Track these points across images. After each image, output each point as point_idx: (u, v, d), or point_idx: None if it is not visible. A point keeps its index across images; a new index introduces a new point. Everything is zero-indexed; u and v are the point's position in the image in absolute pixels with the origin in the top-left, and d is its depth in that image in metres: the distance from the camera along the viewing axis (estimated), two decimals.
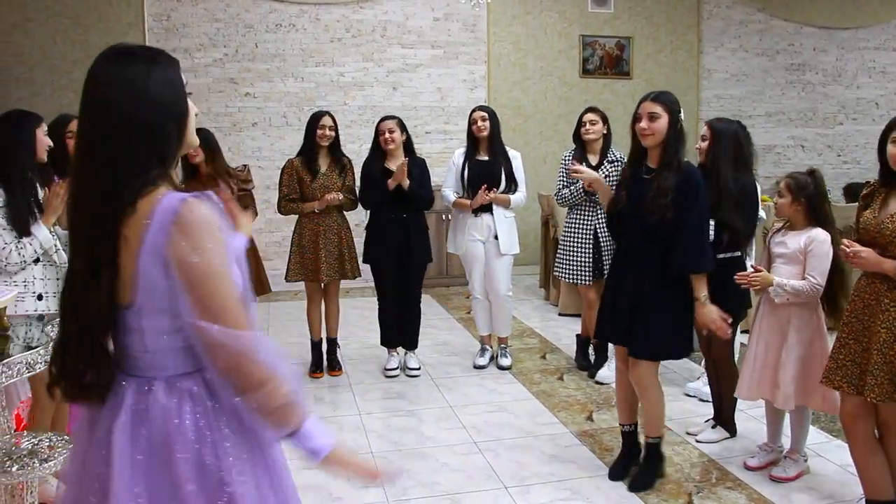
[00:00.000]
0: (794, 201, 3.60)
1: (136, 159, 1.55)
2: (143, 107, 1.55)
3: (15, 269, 3.40)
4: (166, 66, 1.61)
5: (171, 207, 1.50)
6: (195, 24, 8.15)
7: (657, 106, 3.42)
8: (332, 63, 8.58)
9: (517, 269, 5.93)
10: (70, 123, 3.87)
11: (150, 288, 1.53)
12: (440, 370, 5.50)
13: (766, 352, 3.68)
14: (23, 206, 3.40)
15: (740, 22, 9.78)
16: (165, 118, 1.59)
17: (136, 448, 1.55)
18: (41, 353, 2.83)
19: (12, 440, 2.79)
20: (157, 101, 1.57)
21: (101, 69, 1.58)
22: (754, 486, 3.66)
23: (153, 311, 1.55)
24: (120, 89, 1.55)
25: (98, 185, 1.54)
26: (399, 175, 5.00)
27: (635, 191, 3.50)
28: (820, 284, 3.53)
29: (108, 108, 1.55)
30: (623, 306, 3.55)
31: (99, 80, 1.57)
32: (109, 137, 1.55)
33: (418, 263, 5.29)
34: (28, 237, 3.40)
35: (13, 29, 7.72)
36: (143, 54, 1.60)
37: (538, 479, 3.78)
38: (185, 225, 1.50)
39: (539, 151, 8.99)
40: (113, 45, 1.63)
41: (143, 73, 1.57)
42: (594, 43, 9.27)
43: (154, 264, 1.51)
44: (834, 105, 10.22)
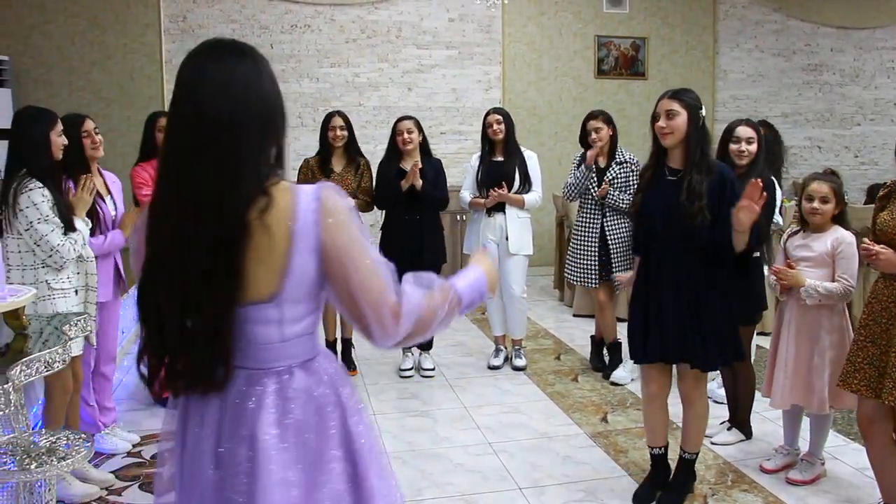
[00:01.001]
0: (837, 206, 3.55)
1: (260, 152, 1.58)
2: (260, 101, 1.58)
3: (68, 264, 3.52)
4: (265, 62, 1.66)
5: (311, 196, 1.57)
6: (211, 25, 8.19)
7: (675, 103, 3.24)
8: (347, 64, 8.60)
9: (531, 270, 5.93)
10: (85, 123, 3.89)
11: (301, 276, 1.57)
12: (455, 371, 5.50)
13: (797, 357, 3.63)
14: (62, 202, 3.51)
15: (756, 22, 9.73)
16: (277, 112, 1.63)
17: (285, 436, 1.59)
18: (59, 351, 2.85)
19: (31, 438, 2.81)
20: (269, 94, 1.61)
21: (210, 64, 1.57)
22: (770, 489, 3.65)
23: (297, 300, 1.59)
24: (237, 84, 1.56)
25: (220, 181, 1.53)
26: (411, 176, 5.01)
27: (660, 194, 3.30)
28: (852, 286, 3.49)
29: (228, 102, 1.54)
30: (668, 321, 3.29)
31: (213, 75, 1.55)
32: (231, 131, 1.53)
33: (432, 264, 5.27)
34: (75, 232, 3.52)
35: (31, 31, 7.78)
36: (245, 50, 1.63)
37: (552, 481, 3.77)
38: (331, 210, 1.57)
39: (554, 152, 8.98)
40: (209, 41, 1.63)
41: (255, 68, 1.60)
42: (609, 43, 9.24)
43: (307, 251, 1.56)
44: (851, 106, 10.15)
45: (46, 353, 2.80)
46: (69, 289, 3.57)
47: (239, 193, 1.53)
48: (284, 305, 1.59)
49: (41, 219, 3.40)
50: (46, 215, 3.41)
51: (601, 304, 5.33)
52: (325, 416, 1.64)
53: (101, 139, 3.97)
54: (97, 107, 7.57)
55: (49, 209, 3.42)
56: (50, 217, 3.42)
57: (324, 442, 1.63)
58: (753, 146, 3.94)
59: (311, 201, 1.56)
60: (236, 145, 1.54)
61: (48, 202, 3.43)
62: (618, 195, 5.12)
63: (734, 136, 3.95)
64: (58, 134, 3.55)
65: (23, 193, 3.42)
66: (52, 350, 2.83)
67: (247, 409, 1.60)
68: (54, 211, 3.44)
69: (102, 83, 7.93)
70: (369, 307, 1.60)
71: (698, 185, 3.19)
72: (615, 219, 5.19)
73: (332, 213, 1.57)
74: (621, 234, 5.17)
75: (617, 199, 5.11)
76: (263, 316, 1.59)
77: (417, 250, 5.15)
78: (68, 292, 3.56)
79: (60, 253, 3.44)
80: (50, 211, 3.42)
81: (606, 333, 5.43)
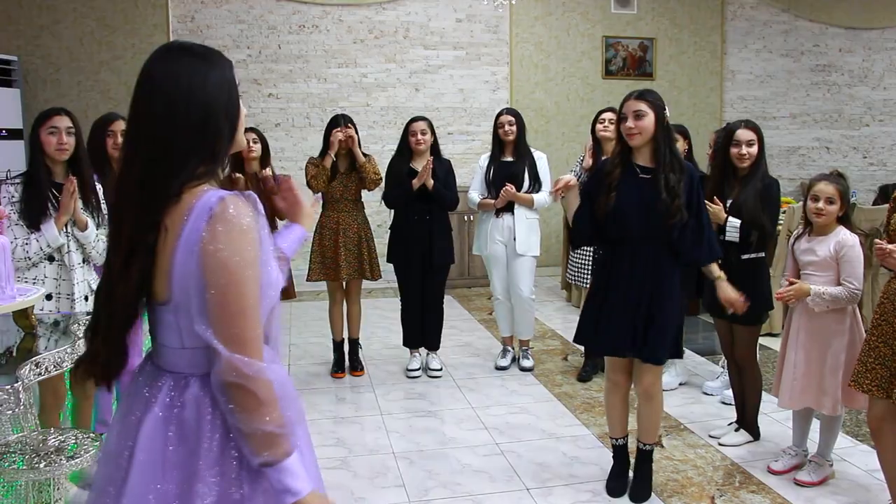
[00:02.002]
0: (842, 207, 3.54)
1: (187, 153, 1.57)
2: (198, 103, 1.57)
3: (21, 266, 3.41)
4: (222, 66, 1.64)
5: (209, 203, 1.52)
6: (219, 25, 8.21)
7: (642, 104, 3.31)
8: (354, 64, 8.61)
9: (539, 271, 5.93)
10: (113, 124, 3.88)
11: (184, 284, 1.53)
12: (462, 371, 5.50)
13: (808, 360, 3.62)
14: (34, 202, 3.41)
15: (765, 23, 9.71)
16: (219, 116, 1.60)
17: (166, 441, 1.57)
18: (68, 351, 2.86)
19: (39, 437, 2.82)
20: (212, 98, 1.59)
21: (159, 64, 1.60)
22: (778, 491, 3.64)
23: (188, 309, 1.55)
24: (177, 84, 1.56)
25: (146, 176, 1.56)
26: (423, 175, 5.01)
27: (635, 192, 3.34)
28: (858, 289, 3.48)
29: (164, 101, 1.56)
30: (629, 314, 3.38)
31: (155, 74, 1.58)
32: (162, 130, 1.56)
33: (441, 264, 5.29)
34: (36, 233, 3.40)
35: (41, 31, 7.81)
36: (200, 52, 1.63)
37: (560, 481, 3.77)
38: (219, 222, 1.50)
39: (562, 153, 8.97)
40: (170, 42, 1.66)
41: (200, 71, 1.59)
42: (617, 44, 9.23)
43: (188, 259, 1.52)
44: (860, 106, 10.12)
45: (55, 351, 2.81)
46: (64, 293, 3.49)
47: (156, 193, 1.55)
48: (179, 313, 1.56)
49: None
50: None
51: None
52: (201, 433, 1.57)
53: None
54: (105, 107, 7.56)
55: (6, 204, 3.37)
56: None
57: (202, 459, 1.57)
58: (754, 148, 3.92)
59: (211, 205, 1.52)
60: (163, 146, 1.56)
61: (8, 198, 3.38)
62: None
63: (734, 140, 3.94)
64: (47, 131, 3.43)
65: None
66: (61, 349, 2.84)
67: (142, 396, 1.63)
68: (15, 208, 3.38)
69: (111, 83, 7.96)
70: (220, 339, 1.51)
71: (676, 183, 3.29)
72: None
73: (215, 229, 1.50)
74: None
75: None
76: (164, 318, 1.60)
77: (427, 250, 5.16)
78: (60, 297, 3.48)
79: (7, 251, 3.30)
80: (8, 206, 3.37)
81: None
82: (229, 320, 1.50)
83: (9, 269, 2.93)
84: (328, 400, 4.94)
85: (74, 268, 3.56)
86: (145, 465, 1.56)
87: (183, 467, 1.56)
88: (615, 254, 3.46)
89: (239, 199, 1.55)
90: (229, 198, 1.53)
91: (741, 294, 3.51)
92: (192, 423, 1.57)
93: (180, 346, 1.59)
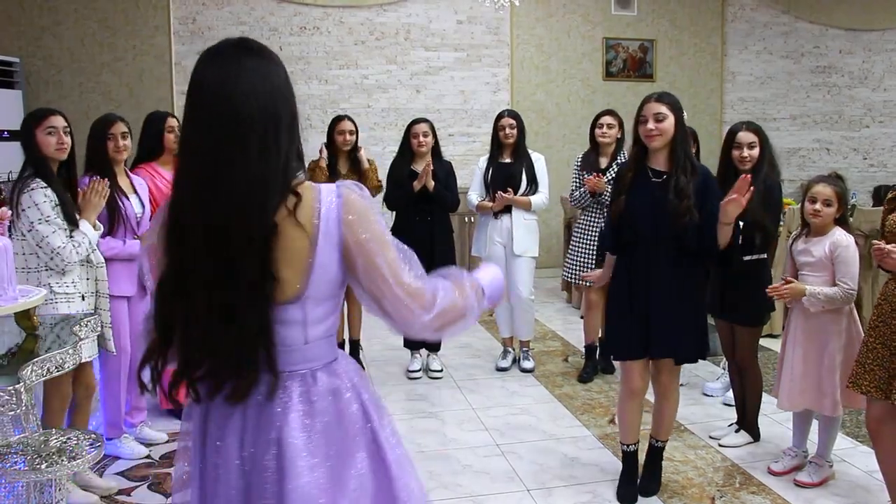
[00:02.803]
0: (839, 209, 3.56)
1: (288, 150, 1.58)
2: (285, 100, 1.59)
3: (72, 269, 3.41)
4: (282, 63, 1.65)
5: (333, 193, 1.60)
6: (220, 26, 8.22)
7: (662, 106, 3.30)
8: (355, 66, 8.62)
9: (540, 272, 5.94)
10: (113, 126, 3.87)
11: (323, 273, 1.58)
12: (462, 372, 5.51)
13: (806, 360, 3.63)
14: (67, 202, 3.40)
15: (765, 24, 9.72)
16: (296, 111, 1.64)
17: (311, 439, 1.60)
18: (70, 352, 2.87)
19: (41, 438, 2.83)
20: (291, 94, 1.62)
21: (234, 64, 1.55)
22: (778, 492, 3.64)
23: (319, 299, 1.60)
24: (265, 83, 1.56)
25: (250, 180, 1.51)
26: (422, 177, 5.02)
27: (647, 195, 3.34)
28: (853, 289, 3.49)
29: (258, 101, 1.53)
30: (654, 318, 3.37)
31: (238, 74, 1.54)
32: (262, 131, 1.53)
33: (442, 266, 5.28)
34: (79, 234, 3.40)
35: (42, 32, 7.82)
36: (267, 52, 1.62)
37: (560, 482, 3.78)
38: (353, 206, 1.59)
39: (562, 154, 8.98)
40: (230, 42, 1.59)
41: (278, 69, 1.61)
42: (617, 45, 9.25)
43: (330, 249, 1.57)
44: (860, 108, 10.12)
45: (57, 353, 2.81)
46: (74, 294, 3.45)
47: (270, 193, 1.53)
48: (308, 305, 1.60)
49: (42, 219, 3.29)
50: (48, 216, 3.30)
51: (591, 304, 5.34)
52: (349, 418, 1.66)
53: (128, 144, 3.90)
54: (107, 108, 7.54)
55: (51, 209, 3.31)
56: (52, 218, 3.31)
57: (350, 444, 1.65)
58: (755, 150, 3.92)
59: (334, 198, 1.59)
60: (266, 145, 1.53)
61: (50, 202, 3.32)
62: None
63: (735, 142, 3.94)
64: (45, 131, 3.40)
65: (24, 193, 3.33)
66: (63, 350, 2.84)
67: (273, 414, 1.59)
68: (57, 211, 3.33)
69: (112, 85, 7.98)
70: (398, 299, 1.62)
71: (685, 185, 3.28)
72: None
73: (354, 210, 1.59)
74: None
75: None
76: (289, 317, 1.59)
77: (428, 252, 5.16)
78: (73, 297, 3.45)
79: (62, 256, 3.32)
80: (52, 211, 3.31)
81: (588, 333, 5.42)
82: (400, 281, 1.62)
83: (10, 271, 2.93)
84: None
85: (101, 266, 3.59)
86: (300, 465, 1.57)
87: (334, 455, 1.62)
88: (631, 258, 3.45)
89: (352, 186, 1.63)
90: (346, 187, 1.62)
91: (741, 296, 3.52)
92: (332, 412, 1.63)
93: (303, 341, 1.62)
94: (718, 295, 4.07)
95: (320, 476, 1.58)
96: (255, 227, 1.51)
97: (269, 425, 1.58)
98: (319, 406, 1.62)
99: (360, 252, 1.59)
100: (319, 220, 1.57)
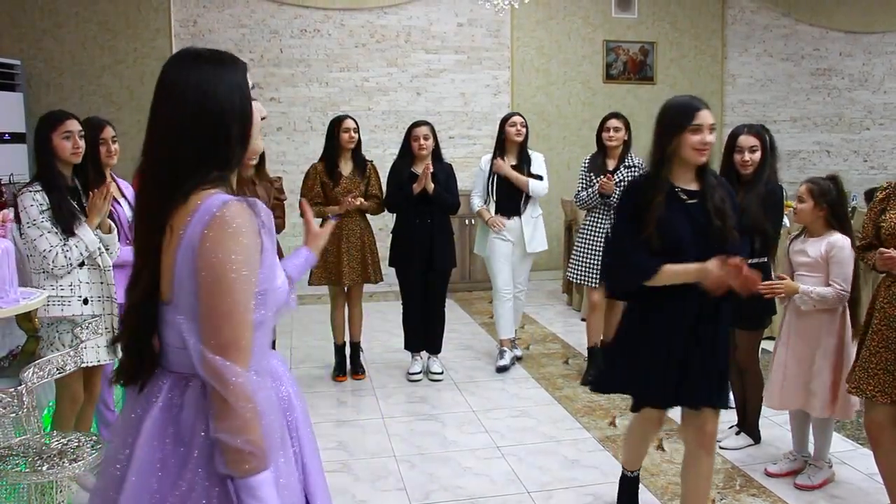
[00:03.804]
0: (816, 206, 3.58)
1: (199, 158, 1.59)
2: (210, 109, 1.59)
3: (62, 273, 3.36)
4: (233, 71, 1.66)
5: (211, 206, 1.53)
6: (221, 29, 8.23)
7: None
8: (356, 68, 8.63)
9: (540, 274, 5.97)
10: (103, 131, 3.87)
11: (182, 285, 1.55)
12: (463, 374, 5.51)
13: (797, 360, 3.65)
14: (63, 207, 3.38)
15: (765, 27, 9.73)
16: (231, 121, 1.62)
17: (162, 442, 1.58)
18: (71, 354, 2.87)
19: (42, 440, 2.83)
20: (224, 104, 1.61)
21: (171, 71, 1.63)
22: (778, 494, 3.64)
23: (187, 310, 1.55)
24: (189, 90, 1.59)
25: (158, 180, 1.60)
26: (422, 180, 5.04)
27: (685, 219, 2.90)
28: (846, 290, 3.52)
29: (177, 107, 1.59)
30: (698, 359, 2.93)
31: (168, 81, 1.62)
32: (175, 135, 1.59)
33: (443, 268, 5.31)
34: (73, 238, 3.37)
35: (43, 35, 7.83)
36: (211, 58, 1.65)
37: (560, 485, 3.78)
38: (218, 226, 1.51)
39: (562, 157, 8.99)
40: (184, 48, 1.69)
41: (210, 77, 1.61)
42: (618, 48, 9.25)
43: (186, 260, 1.53)
44: (860, 110, 10.13)
45: (58, 355, 2.82)
46: (70, 297, 3.41)
47: (166, 196, 1.58)
48: (178, 311, 1.57)
49: (30, 223, 3.29)
50: (34, 219, 3.29)
51: (593, 305, 5.34)
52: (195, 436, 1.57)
53: (118, 148, 3.92)
54: (108, 111, 7.61)
55: (38, 213, 3.30)
56: (38, 221, 3.29)
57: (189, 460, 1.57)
58: (757, 154, 3.92)
59: (212, 209, 1.53)
60: (175, 151, 1.59)
61: (38, 206, 3.31)
62: None
63: (737, 146, 3.94)
64: (62, 136, 3.40)
65: (19, 196, 3.36)
66: (64, 353, 2.85)
67: (143, 395, 1.64)
68: (45, 215, 3.31)
69: (113, 87, 7.98)
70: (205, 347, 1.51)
71: (723, 205, 2.91)
72: None
73: (220, 228, 1.50)
74: None
75: None
76: (169, 318, 1.61)
77: (429, 254, 5.18)
78: (69, 300, 3.41)
79: (48, 259, 3.29)
80: (39, 215, 3.30)
81: (591, 335, 5.42)
82: (216, 322, 1.51)
83: (12, 273, 2.94)
84: (329, 403, 4.95)
85: (109, 269, 3.56)
86: (143, 465, 1.57)
87: (174, 469, 1.57)
88: (668, 295, 2.89)
89: (243, 203, 1.56)
90: (233, 202, 1.54)
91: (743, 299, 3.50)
92: (189, 425, 1.57)
93: (182, 345, 1.58)
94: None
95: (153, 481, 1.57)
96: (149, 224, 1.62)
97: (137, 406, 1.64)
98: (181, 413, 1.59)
99: (202, 269, 1.51)
100: (188, 227, 1.54)
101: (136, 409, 1.64)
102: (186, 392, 1.60)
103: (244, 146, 1.67)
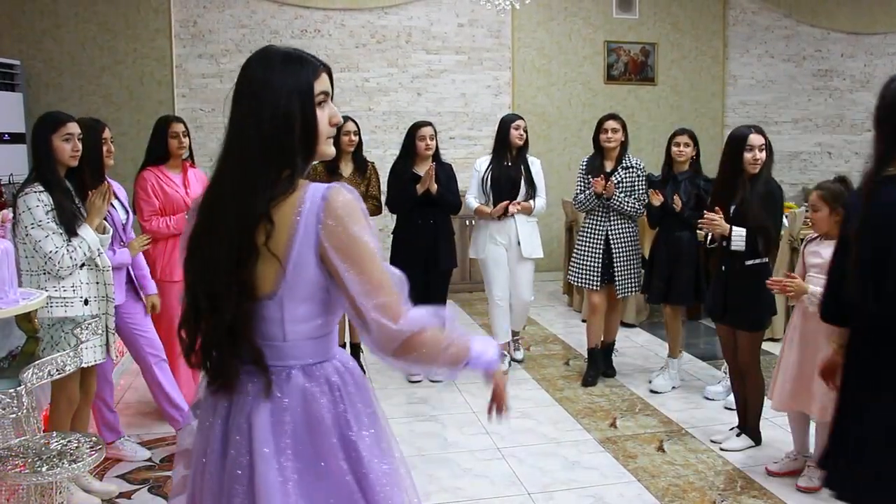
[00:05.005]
0: (832, 212, 3.55)
1: (294, 153, 1.62)
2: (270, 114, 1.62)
3: (67, 273, 3.37)
4: (297, 74, 1.67)
5: (319, 194, 1.59)
6: (221, 30, 8.22)
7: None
8: (356, 69, 8.62)
9: (541, 276, 5.96)
10: (104, 130, 3.87)
11: (299, 275, 1.58)
12: (463, 375, 5.48)
13: (801, 362, 3.64)
14: (66, 208, 3.38)
15: (766, 28, 9.72)
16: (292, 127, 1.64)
17: (281, 435, 1.61)
18: (70, 355, 2.86)
19: (42, 441, 2.82)
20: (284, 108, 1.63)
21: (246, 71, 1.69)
22: (780, 496, 3.64)
23: (297, 299, 1.60)
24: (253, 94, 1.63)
25: (250, 179, 1.60)
26: (426, 180, 5.03)
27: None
28: None
29: (267, 108, 1.62)
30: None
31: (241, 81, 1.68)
32: (269, 134, 1.60)
33: (445, 268, 5.31)
34: (77, 239, 3.38)
35: (43, 35, 7.82)
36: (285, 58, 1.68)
37: (561, 486, 3.77)
38: (335, 211, 1.58)
39: (563, 158, 8.98)
40: (264, 47, 1.72)
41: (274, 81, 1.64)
42: (619, 49, 9.24)
43: (307, 249, 1.57)
44: (862, 111, 10.10)
45: (58, 356, 2.81)
46: (72, 298, 3.42)
47: (260, 188, 1.58)
48: (285, 303, 1.60)
49: (34, 224, 3.29)
50: (40, 220, 3.29)
51: (593, 307, 5.33)
52: (319, 423, 1.64)
53: (113, 149, 3.93)
54: (107, 111, 7.60)
55: (44, 214, 3.30)
56: (44, 222, 3.29)
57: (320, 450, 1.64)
58: (764, 153, 3.98)
59: (318, 200, 1.58)
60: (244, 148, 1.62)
61: (43, 207, 3.30)
62: (623, 198, 5.13)
63: (748, 145, 3.96)
64: (62, 138, 3.40)
65: (20, 197, 3.35)
66: (64, 353, 2.84)
67: (246, 402, 1.64)
68: (51, 216, 3.31)
69: (113, 88, 7.97)
70: (370, 311, 1.58)
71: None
72: (620, 224, 5.21)
73: (335, 215, 1.57)
74: (625, 238, 5.20)
75: (622, 202, 5.12)
76: (268, 314, 1.62)
77: (431, 254, 5.17)
78: (71, 301, 3.42)
79: (54, 261, 3.30)
80: (45, 216, 3.30)
81: (590, 337, 5.40)
82: (374, 291, 1.58)
83: (12, 274, 2.93)
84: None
85: (108, 270, 3.57)
86: (269, 458, 1.59)
87: (302, 459, 1.62)
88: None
89: (341, 189, 1.61)
90: (334, 189, 1.60)
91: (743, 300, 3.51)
92: (300, 413, 1.63)
93: (282, 339, 1.63)
94: (720, 299, 4.07)
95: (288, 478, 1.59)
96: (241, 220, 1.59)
97: (241, 410, 1.64)
98: (287, 404, 1.63)
99: (339, 257, 1.58)
100: (299, 217, 1.58)
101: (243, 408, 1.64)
102: (289, 382, 1.64)
103: (309, 149, 1.67)
